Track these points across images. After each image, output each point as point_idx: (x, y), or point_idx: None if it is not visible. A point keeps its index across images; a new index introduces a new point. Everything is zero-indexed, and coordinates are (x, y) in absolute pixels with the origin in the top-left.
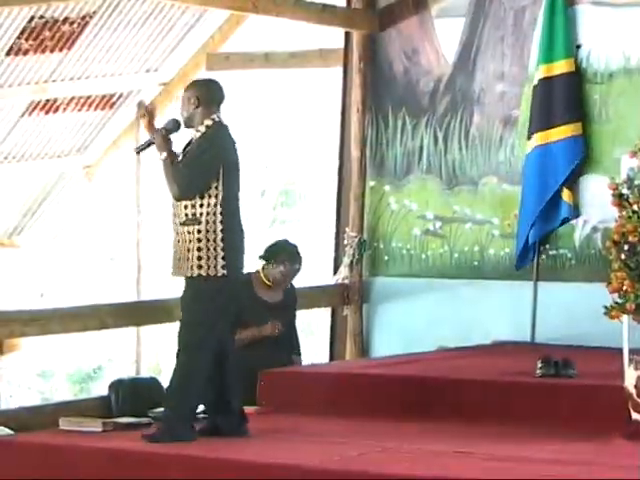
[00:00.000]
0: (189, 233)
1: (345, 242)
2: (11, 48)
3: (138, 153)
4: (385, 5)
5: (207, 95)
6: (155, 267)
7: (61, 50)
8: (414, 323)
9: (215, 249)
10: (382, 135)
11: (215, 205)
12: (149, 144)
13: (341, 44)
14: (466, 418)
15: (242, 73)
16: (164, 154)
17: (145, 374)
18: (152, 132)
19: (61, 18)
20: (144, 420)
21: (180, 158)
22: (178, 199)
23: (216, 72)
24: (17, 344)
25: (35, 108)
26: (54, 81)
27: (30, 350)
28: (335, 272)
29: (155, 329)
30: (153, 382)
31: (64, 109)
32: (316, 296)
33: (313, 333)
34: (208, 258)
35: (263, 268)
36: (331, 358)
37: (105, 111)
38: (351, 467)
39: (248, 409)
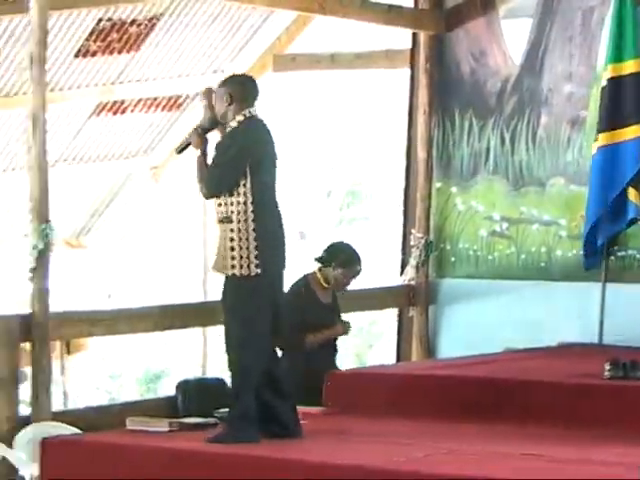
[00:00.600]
0: (224, 231)
1: (412, 243)
2: (79, 50)
3: (179, 153)
4: (452, 6)
5: (239, 91)
6: None
7: (129, 52)
8: (481, 324)
9: (248, 248)
10: (449, 136)
11: (245, 203)
12: (188, 144)
13: (407, 45)
14: (533, 420)
15: (308, 74)
16: (198, 152)
17: (211, 374)
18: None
19: (129, 20)
20: (210, 420)
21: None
22: (206, 198)
23: (283, 73)
24: (84, 344)
25: (103, 109)
26: (121, 82)
27: (97, 350)
28: (402, 273)
29: (221, 329)
30: (219, 382)
31: (131, 110)
32: (382, 297)
33: (382, 334)
34: (241, 257)
35: (320, 270)
36: (397, 359)
37: (172, 112)
38: (417, 468)
39: (314, 410)
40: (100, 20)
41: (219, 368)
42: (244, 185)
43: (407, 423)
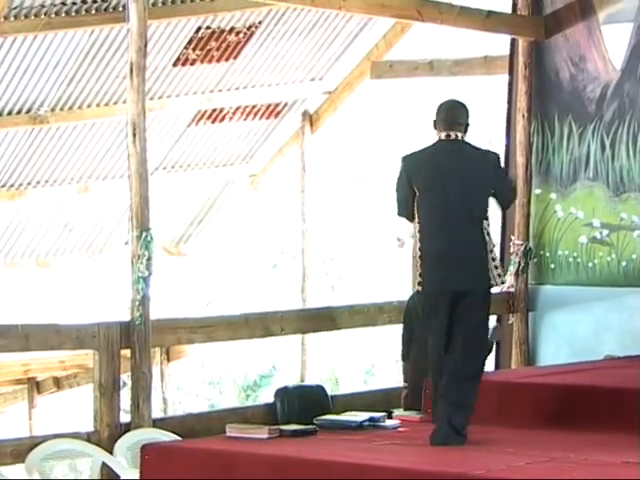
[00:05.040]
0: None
1: (511, 250)
2: (178, 58)
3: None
4: (551, 12)
5: (436, 117)
6: (319, 275)
7: (227, 60)
8: (581, 332)
9: (417, 266)
10: (548, 142)
11: (415, 226)
12: None
13: (505, 51)
14: (634, 428)
15: (407, 81)
16: None
17: (310, 382)
18: None
19: (227, 28)
20: (309, 428)
21: None
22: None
23: (381, 80)
24: (184, 351)
25: (202, 117)
26: (220, 91)
27: (197, 357)
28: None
29: (320, 337)
30: (319, 390)
31: (230, 118)
32: None
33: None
34: (414, 275)
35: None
36: (497, 366)
37: (270, 120)
38: (518, 476)
39: (413, 417)
40: (199, 29)
41: (317, 375)
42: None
43: (507, 431)
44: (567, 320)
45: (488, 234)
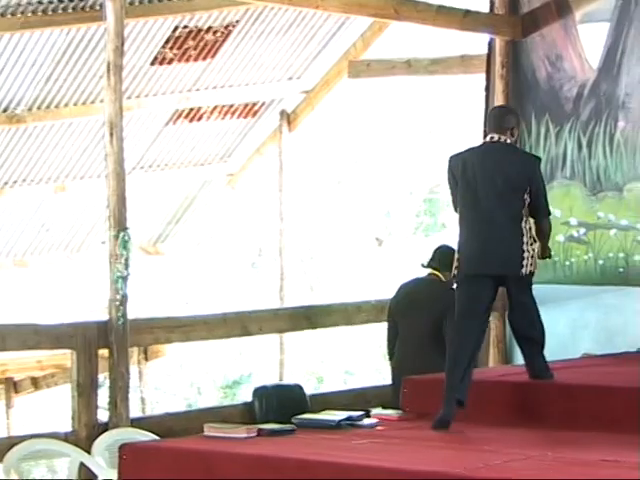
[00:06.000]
0: None
1: None
2: (155, 57)
3: None
4: (528, 11)
5: (488, 122)
6: (297, 274)
7: (204, 59)
8: (558, 330)
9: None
10: (525, 141)
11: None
12: None
13: (482, 50)
14: (612, 426)
15: (384, 80)
16: None
17: (290, 381)
18: None
19: (205, 27)
20: (288, 427)
21: None
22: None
23: (358, 79)
24: (162, 351)
25: (179, 117)
26: (198, 90)
27: (175, 357)
28: None
29: (299, 336)
30: (297, 389)
31: (207, 117)
32: None
33: None
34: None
35: (442, 273)
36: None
37: (248, 119)
38: (496, 475)
39: (391, 415)
40: (176, 28)
41: (296, 375)
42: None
43: (483, 429)
44: (544, 318)
45: (528, 230)
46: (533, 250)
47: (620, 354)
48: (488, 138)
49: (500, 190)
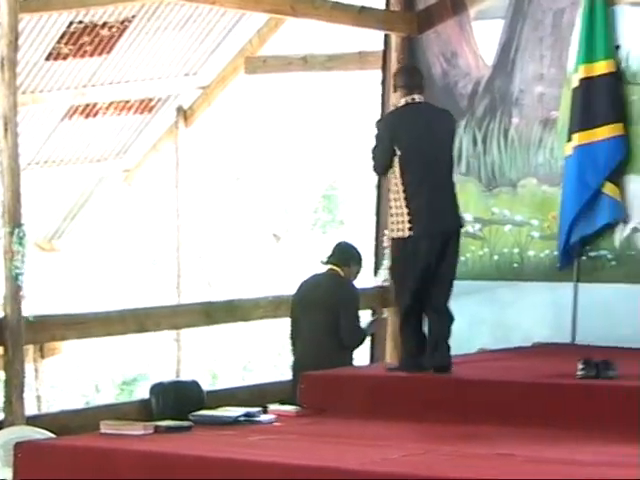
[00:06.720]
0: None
1: (384, 244)
2: (50, 53)
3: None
4: (423, 7)
5: (397, 82)
6: (195, 270)
7: (100, 54)
8: (454, 325)
9: (402, 214)
10: None
11: (395, 180)
12: None
13: (379, 47)
14: (507, 420)
15: (280, 76)
16: None
17: (186, 377)
18: None
19: (100, 23)
20: (185, 423)
21: None
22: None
23: (255, 75)
24: (58, 348)
25: (75, 112)
26: (93, 85)
27: (72, 354)
28: (375, 275)
29: (196, 332)
30: (194, 385)
31: (103, 113)
32: None
33: None
34: (397, 222)
35: (341, 268)
36: (371, 360)
37: (144, 115)
38: (393, 468)
39: (289, 411)
40: (71, 23)
41: (194, 371)
42: (395, 162)
43: (381, 424)
44: None
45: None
46: None
47: (514, 349)
48: (409, 99)
49: (436, 148)
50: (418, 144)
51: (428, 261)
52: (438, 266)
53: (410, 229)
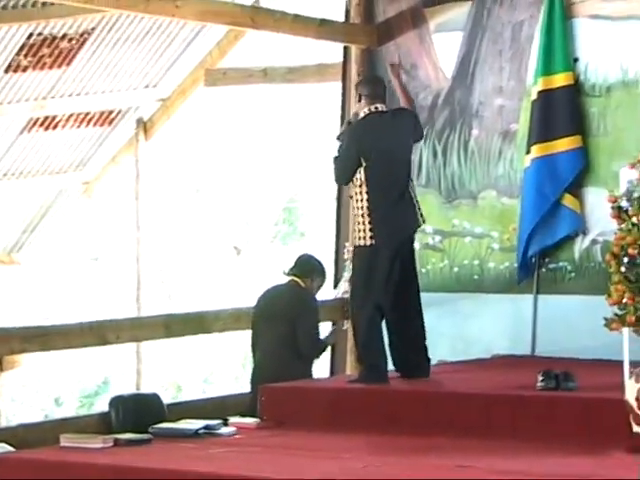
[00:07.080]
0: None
1: (345, 257)
2: (10, 65)
3: (339, 139)
4: (383, 20)
5: (364, 90)
6: (155, 283)
7: (60, 67)
8: None
9: (364, 223)
10: None
11: (361, 186)
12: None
13: (338, 59)
14: (466, 432)
15: (240, 88)
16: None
17: (147, 390)
18: (401, 85)
19: (60, 35)
20: (144, 436)
21: None
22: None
23: (214, 88)
24: (17, 361)
25: (34, 125)
26: (53, 97)
27: (32, 367)
28: (335, 287)
29: (155, 345)
30: (155, 398)
31: (63, 125)
32: None
33: None
34: (359, 231)
35: (303, 280)
36: (332, 372)
37: (104, 127)
38: None
39: (249, 423)
40: (31, 35)
41: (154, 384)
42: (360, 172)
43: (340, 436)
44: None
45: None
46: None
47: (474, 361)
48: (373, 108)
49: (402, 154)
50: (383, 156)
51: (390, 269)
52: (403, 271)
53: (372, 237)
